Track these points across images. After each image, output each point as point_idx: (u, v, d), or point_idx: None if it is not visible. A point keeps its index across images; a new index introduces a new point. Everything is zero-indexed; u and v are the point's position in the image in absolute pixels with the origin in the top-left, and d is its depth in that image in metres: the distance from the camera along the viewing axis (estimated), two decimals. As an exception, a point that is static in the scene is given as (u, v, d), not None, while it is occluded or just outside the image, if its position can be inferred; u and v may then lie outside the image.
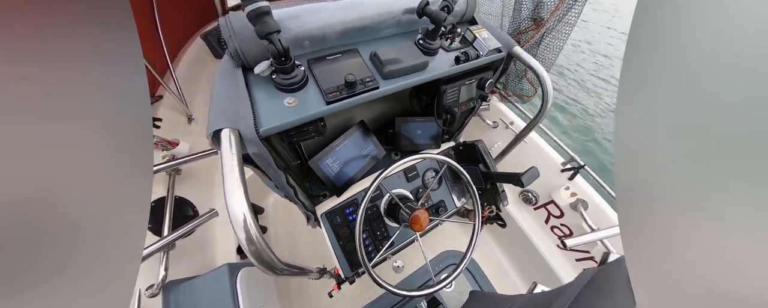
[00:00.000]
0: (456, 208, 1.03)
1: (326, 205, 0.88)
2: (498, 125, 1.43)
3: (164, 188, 1.07)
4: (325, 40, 0.61)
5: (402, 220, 0.78)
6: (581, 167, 1.14)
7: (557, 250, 1.28)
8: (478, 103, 0.98)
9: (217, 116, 0.45)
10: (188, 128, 1.47)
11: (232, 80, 0.51)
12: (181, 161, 1.13)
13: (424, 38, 0.69)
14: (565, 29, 1.18)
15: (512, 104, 1.46)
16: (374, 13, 0.65)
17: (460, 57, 0.71)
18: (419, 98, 0.98)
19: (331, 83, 0.55)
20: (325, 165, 0.86)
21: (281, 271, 0.43)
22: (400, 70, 0.61)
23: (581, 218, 1.12)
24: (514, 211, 1.39)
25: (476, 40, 0.78)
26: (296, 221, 1.51)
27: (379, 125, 1.11)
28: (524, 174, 0.78)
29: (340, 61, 0.60)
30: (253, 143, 0.46)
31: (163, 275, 0.82)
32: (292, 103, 0.52)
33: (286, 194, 0.65)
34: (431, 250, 0.81)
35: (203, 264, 1.06)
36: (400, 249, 0.96)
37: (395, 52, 0.62)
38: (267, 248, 0.39)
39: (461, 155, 1.05)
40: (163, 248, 0.86)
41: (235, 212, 0.37)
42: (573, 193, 1.16)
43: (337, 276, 0.81)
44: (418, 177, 0.98)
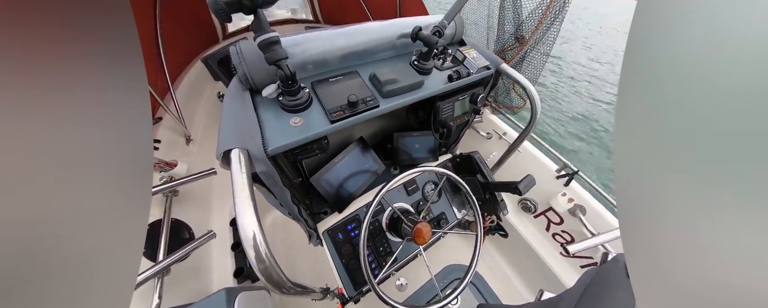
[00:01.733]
0: (457, 219, 1.04)
1: (328, 222, 0.87)
2: (492, 135, 1.48)
3: (161, 210, 1.05)
4: (327, 63, 0.65)
5: (405, 234, 0.78)
6: (575, 173, 1.18)
7: (561, 257, 1.27)
8: (472, 116, 1.03)
9: (227, 137, 0.46)
10: (186, 149, 1.47)
11: (241, 103, 0.54)
12: (179, 183, 1.12)
13: (418, 59, 0.74)
14: (545, 47, 1.28)
15: (503, 115, 1.53)
16: (372, 39, 0.70)
17: (452, 75, 0.76)
18: (416, 114, 1.03)
19: (334, 103, 0.59)
20: (325, 182, 0.86)
21: (289, 290, 0.43)
22: (398, 90, 0.65)
23: (581, 223, 1.13)
24: (515, 220, 1.40)
25: (466, 60, 0.84)
26: (295, 241, 1.48)
27: (378, 141, 1.14)
28: (521, 182, 0.81)
29: (342, 82, 0.64)
30: (262, 162, 0.47)
31: (156, 303, 0.78)
32: (298, 123, 0.55)
33: (289, 212, 0.65)
34: (434, 265, 0.80)
35: (199, 290, 1.01)
36: (404, 264, 0.94)
37: (393, 72, 0.67)
38: (276, 266, 0.39)
39: (459, 166, 1.08)
40: (158, 274, 0.82)
41: (245, 229, 0.38)
42: (570, 199, 1.19)
43: (341, 296, 0.79)
44: (418, 190, 0.99)
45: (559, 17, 1.21)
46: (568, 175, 1.19)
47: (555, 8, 1.20)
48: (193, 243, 0.99)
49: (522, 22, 1.32)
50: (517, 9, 1.32)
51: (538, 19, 1.25)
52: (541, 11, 1.23)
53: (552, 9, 1.20)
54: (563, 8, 1.18)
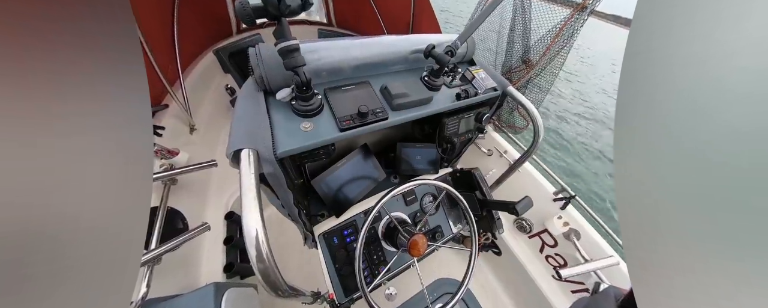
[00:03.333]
0: (452, 234, 1.04)
1: (324, 225, 0.87)
2: (492, 153, 1.50)
3: (158, 197, 1.04)
4: (340, 72, 0.67)
5: (400, 244, 0.78)
6: (572, 198, 1.19)
7: (553, 280, 1.27)
8: (476, 134, 1.05)
9: (239, 136, 0.47)
10: (189, 138, 1.48)
11: (254, 103, 0.55)
12: (179, 172, 1.12)
13: (429, 75, 0.76)
14: (550, 77, 1.32)
15: (505, 134, 1.56)
16: (386, 52, 0.73)
17: (460, 94, 0.79)
18: (421, 127, 1.05)
19: (345, 111, 0.60)
20: (326, 185, 0.87)
21: (284, 292, 0.43)
22: (407, 104, 0.67)
23: (575, 248, 1.14)
24: (509, 239, 1.40)
25: (475, 79, 0.86)
26: (287, 243, 1.47)
27: (381, 149, 1.16)
28: (519, 203, 0.82)
29: (354, 91, 0.66)
30: (269, 164, 0.48)
31: (143, 292, 0.77)
32: (309, 127, 0.56)
33: (290, 213, 0.65)
34: (425, 277, 0.80)
35: (186, 282, 1.00)
36: (397, 274, 0.94)
37: (404, 86, 0.69)
38: (276, 268, 0.40)
39: (458, 181, 1.09)
40: (149, 262, 0.82)
41: (249, 228, 0.38)
42: (566, 222, 1.20)
43: (332, 302, 0.78)
44: (416, 201, 1.00)
45: (567, 45, 1.25)
46: (565, 199, 1.21)
47: (564, 36, 1.24)
48: (187, 233, 0.99)
49: (530, 47, 1.36)
50: (527, 33, 1.37)
51: (546, 46, 1.30)
52: (549, 39, 1.28)
53: (561, 36, 1.25)
54: (572, 37, 1.23)
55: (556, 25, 1.23)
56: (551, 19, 1.26)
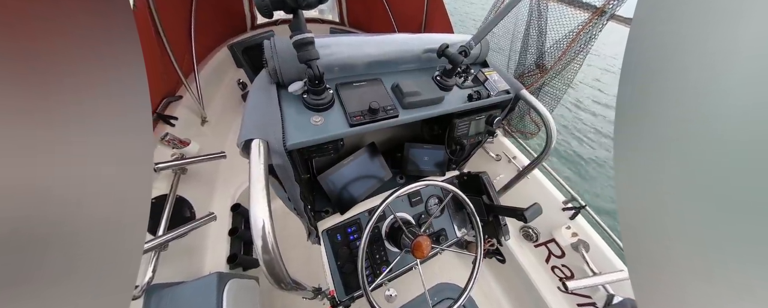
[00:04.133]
0: (457, 238, 1.02)
1: (328, 222, 0.87)
2: (501, 158, 1.47)
3: (168, 185, 1.07)
4: (353, 68, 0.67)
5: (404, 245, 0.77)
6: (582, 208, 1.16)
7: (558, 292, 1.23)
8: (485, 137, 1.03)
9: (250, 127, 0.48)
10: (201, 130, 1.51)
11: (266, 95, 0.56)
12: (189, 162, 1.14)
13: (441, 75, 0.75)
14: (565, 80, 1.29)
15: (515, 140, 1.52)
16: (399, 50, 0.72)
17: (472, 95, 0.77)
18: (431, 128, 1.03)
19: (355, 107, 0.60)
20: (332, 181, 0.87)
21: (287, 285, 0.43)
22: (418, 102, 0.67)
23: (583, 260, 1.10)
24: (515, 247, 1.36)
25: (487, 81, 0.85)
26: (288, 237, 1.48)
27: (388, 148, 1.15)
28: (528, 210, 0.80)
29: (365, 88, 0.65)
30: (279, 155, 0.49)
31: (149, 276, 0.78)
32: (319, 121, 0.56)
33: (295, 207, 0.66)
34: (426, 281, 0.79)
35: (190, 270, 1.02)
36: (398, 275, 0.93)
37: (415, 85, 0.68)
38: (281, 260, 0.40)
39: (465, 185, 1.07)
40: (156, 248, 0.84)
41: (256, 219, 0.38)
42: (574, 233, 1.16)
43: (332, 299, 0.78)
44: (421, 203, 0.99)
45: (583, 50, 1.22)
46: (575, 209, 1.17)
47: (581, 41, 1.21)
48: (194, 222, 1.01)
49: (545, 51, 1.33)
50: (542, 37, 1.34)
51: (562, 50, 1.26)
52: (565, 43, 1.25)
53: (578, 41, 1.22)
54: (589, 42, 1.19)
55: (573, 29, 1.20)
56: (569, 23, 1.22)
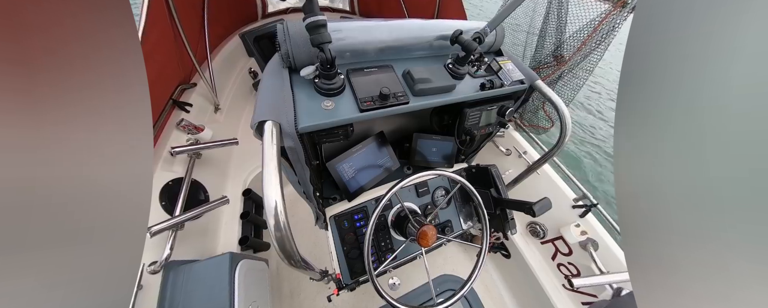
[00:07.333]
0: (462, 230, 1.02)
1: (336, 208, 0.89)
2: (511, 153, 1.44)
3: (184, 169, 1.11)
4: (364, 53, 0.66)
5: (409, 233, 0.78)
6: (594, 206, 1.13)
7: (563, 290, 1.22)
8: (496, 128, 1.01)
9: (263, 109, 0.49)
10: (214, 117, 1.55)
11: (279, 79, 0.56)
12: (203, 147, 1.18)
13: (453, 63, 0.74)
14: (584, 74, 1.23)
15: (526, 134, 1.48)
16: (411, 36, 0.71)
17: (485, 84, 0.75)
18: (440, 117, 1.02)
19: (366, 93, 0.60)
20: (341, 169, 0.88)
21: (297, 262, 0.44)
22: (429, 89, 0.66)
23: (591, 258, 1.08)
24: (520, 242, 1.35)
25: (501, 71, 0.82)
26: (297, 223, 1.52)
27: (396, 138, 1.15)
28: (537, 204, 0.78)
29: (376, 74, 0.65)
30: (291, 138, 0.50)
31: (167, 253, 0.83)
32: (329, 106, 0.57)
33: (304, 191, 0.67)
34: (430, 271, 0.80)
35: (204, 249, 1.07)
36: (403, 263, 0.94)
37: (427, 72, 0.67)
38: (291, 237, 0.41)
39: (473, 177, 1.06)
40: (173, 227, 0.88)
41: (269, 198, 0.39)
42: (583, 231, 1.13)
43: (338, 281, 0.81)
44: (428, 193, 0.99)
45: (604, 42, 1.16)
46: (586, 207, 1.14)
47: (601, 32, 1.15)
48: (208, 204, 1.05)
49: (563, 42, 1.27)
50: (561, 26, 1.27)
51: (581, 41, 1.20)
52: (585, 33, 1.19)
53: (599, 32, 1.15)
54: (610, 33, 1.13)
55: (594, 18, 1.14)
56: (588, 14, 1.16)
